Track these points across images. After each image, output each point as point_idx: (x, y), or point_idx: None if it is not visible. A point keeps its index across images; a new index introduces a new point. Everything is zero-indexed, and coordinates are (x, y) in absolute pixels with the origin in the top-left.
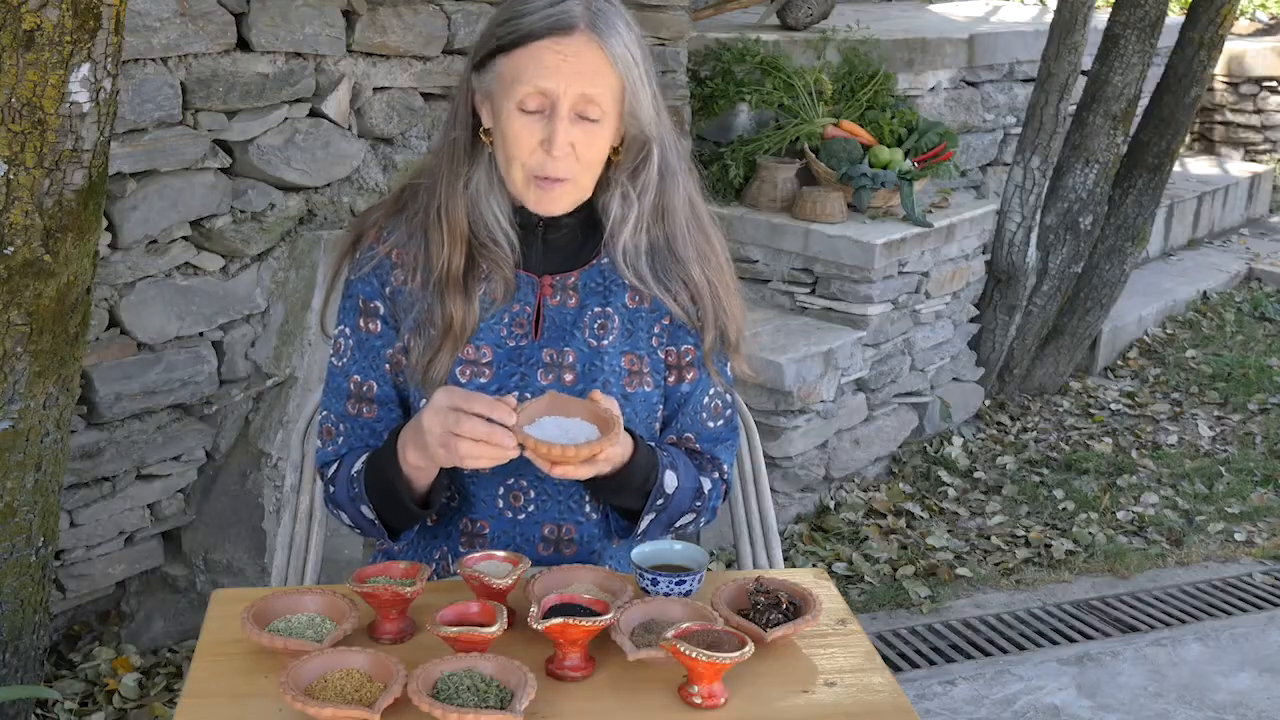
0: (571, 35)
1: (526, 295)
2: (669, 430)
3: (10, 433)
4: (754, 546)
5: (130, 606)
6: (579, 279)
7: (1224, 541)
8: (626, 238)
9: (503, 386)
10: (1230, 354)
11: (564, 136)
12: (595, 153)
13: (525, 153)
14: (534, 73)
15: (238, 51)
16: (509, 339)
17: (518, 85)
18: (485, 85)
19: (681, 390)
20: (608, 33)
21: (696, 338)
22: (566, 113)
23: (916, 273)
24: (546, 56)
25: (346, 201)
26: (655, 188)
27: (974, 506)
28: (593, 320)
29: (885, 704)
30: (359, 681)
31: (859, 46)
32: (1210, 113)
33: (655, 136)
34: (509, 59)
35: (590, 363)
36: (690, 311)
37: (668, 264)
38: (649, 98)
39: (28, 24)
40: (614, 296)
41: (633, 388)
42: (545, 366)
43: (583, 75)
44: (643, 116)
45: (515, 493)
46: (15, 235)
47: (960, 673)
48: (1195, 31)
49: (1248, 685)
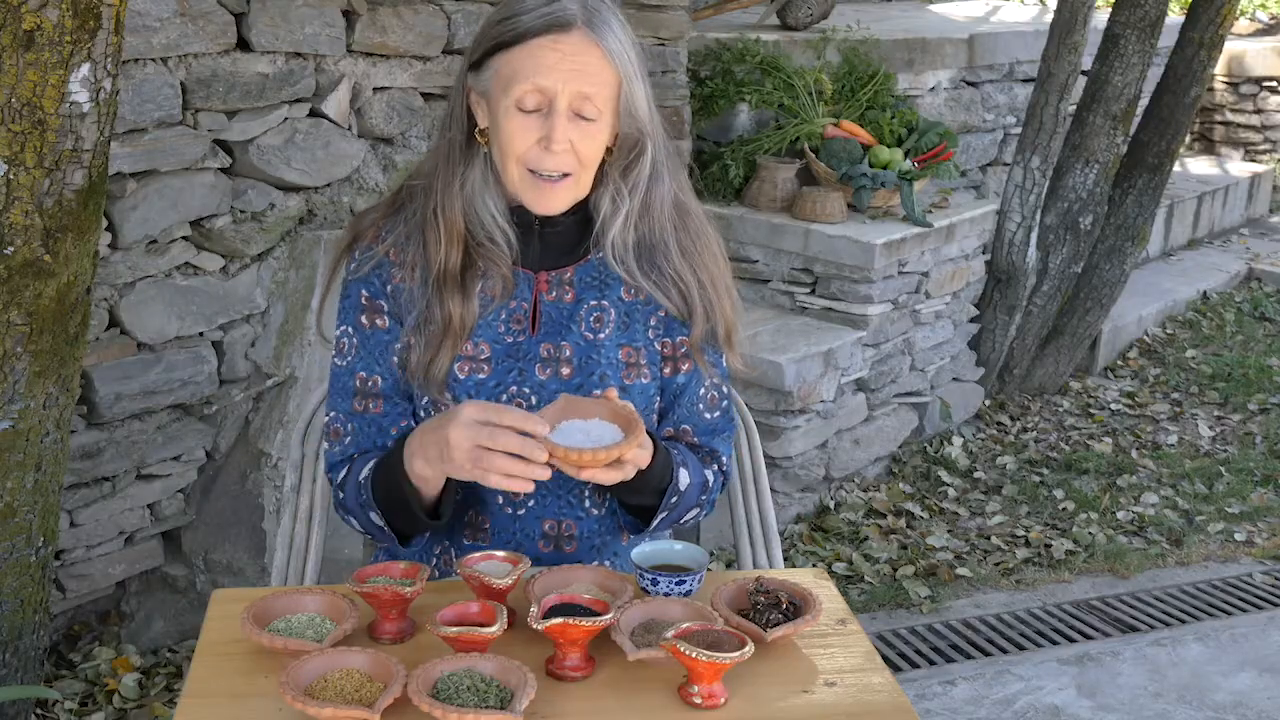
0: (569, 33)
1: (523, 291)
2: (666, 422)
3: (10, 433)
4: (754, 546)
5: (130, 606)
6: (574, 274)
7: (1224, 541)
8: (615, 233)
9: (501, 382)
10: (1230, 354)
11: (562, 133)
12: (593, 150)
13: (523, 150)
14: (531, 70)
15: (238, 51)
16: (506, 335)
17: (515, 83)
18: (482, 85)
19: (678, 381)
20: (604, 30)
21: (689, 330)
22: (564, 110)
23: (916, 273)
24: (544, 54)
25: (346, 201)
26: (645, 185)
27: (974, 506)
28: (589, 314)
29: (885, 704)
30: (359, 681)
31: (859, 46)
32: (1210, 113)
33: (649, 134)
34: (506, 57)
35: (587, 356)
36: (680, 306)
37: (655, 259)
38: (644, 95)
39: (28, 24)
40: (610, 290)
41: (630, 380)
42: (543, 361)
43: (580, 73)
44: (638, 114)
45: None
46: (15, 235)
47: (960, 673)
48: (1195, 31)
49: (1248, 685)
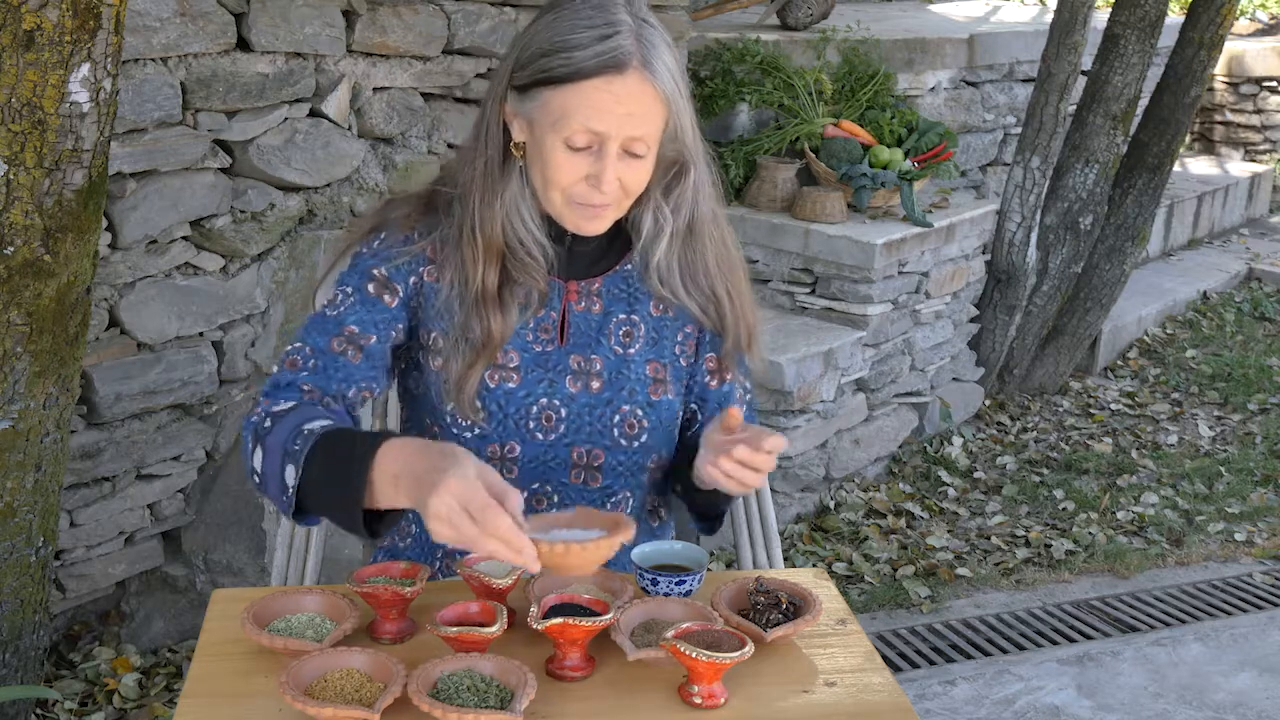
0: (624, 74)
1: (552, 300)
2: (710, 427)
3: (10, 433)
4: (754, 546)
5: (130, 606)
6: (603, 285)
7: (1224, 541)
8: (661, 256)
9: (531, 393)
10: (1230, 354)
11: (612, 174)
12: (639, 182)
13: (569, 184)
14: (585, 115)
15: (238, 51)
16: (535, 344)
17: (566, 122)
18: (525, 111)
19: (723, 391)
20: (657, 66)
21: (722, 341)
22: (615, 151)
23: (916, 273)
24: (599, 98)
25: (346, 201)
26: (690, 206)
27: (974, 506)
28: (618, 328)
29: (885, 704)
30: (359, 681)
31: (859, 46)
32: (1210, 113)
33: (693, 155)
34: (557, 94)
35: (617, 371)
36: (716, 321)
37: (697, 278)
38: (689, 118)
39: (28, 24)
40: (639, 304)
41: (657, 396)
42: (573, 374)
43: (634, 116)
44: (684, 137)
45: (539, 498)
46: (15, 235)
47: (960, 673)
48: (1195, 31)
49: (1248, 685)
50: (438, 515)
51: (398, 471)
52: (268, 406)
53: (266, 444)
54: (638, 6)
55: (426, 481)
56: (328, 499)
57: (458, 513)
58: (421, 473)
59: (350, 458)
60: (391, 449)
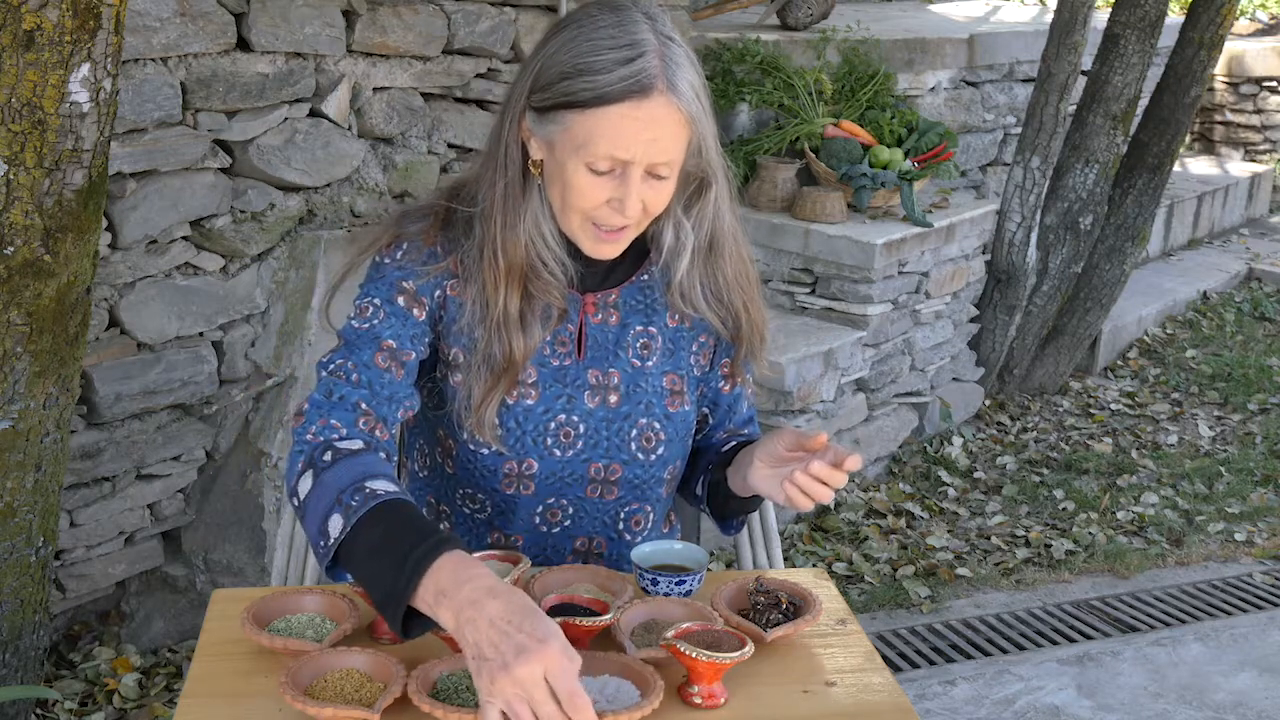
0: (649, 98)
1: (570, 313)
2: (718, 427)
3: (10, 433)
4: (754, 546)
5: (130, 606)
6: (620, 295)
7: (1224, 541)
8: (683, 274)
9: (549, 409)
10: (1230, 354)
11: (636, 198)
12: (661, 203)
13: (591, 207)
14: (609, 142)
15: (238, 51)
16: (552, 358)
17: (589, 148)
18: (545, 133)
19: (735, 393)
20: (681, 86)
21: (735, 348)
22: (639, 175)
23: (916, 273)
24: (624, 124)
25: (346, 201)
26: (711, 222)
27: (974, 506)
28: (636, 339)
29: (885, 704)
30: (359, 681)
31: (859, 46)
32: (1210, 113)
33: (714, 172)
34: (581, 118)
35: (634, 383)
36: (733, 331)
37: (720, 293)
38: (712, 136)
39: (28, 24)
40: (657, 315)
41: (674, 408)
42: (592, 389)
43: (659, 141)
44: (706, 154)
45: (554, 510)
46: (15, 235)
47: (960, 673)
48: (1195, 31)
49: (1248, 685)
50: (519, 680)
51: (444, 588)
52: (328, 431)
53: (322, 480)
54: (660, 22)
55: (504, 634)
56: (368, 572)
57: (541, 687)
58: (498, 618)
59: (404, 557)
60: (450, 561)
